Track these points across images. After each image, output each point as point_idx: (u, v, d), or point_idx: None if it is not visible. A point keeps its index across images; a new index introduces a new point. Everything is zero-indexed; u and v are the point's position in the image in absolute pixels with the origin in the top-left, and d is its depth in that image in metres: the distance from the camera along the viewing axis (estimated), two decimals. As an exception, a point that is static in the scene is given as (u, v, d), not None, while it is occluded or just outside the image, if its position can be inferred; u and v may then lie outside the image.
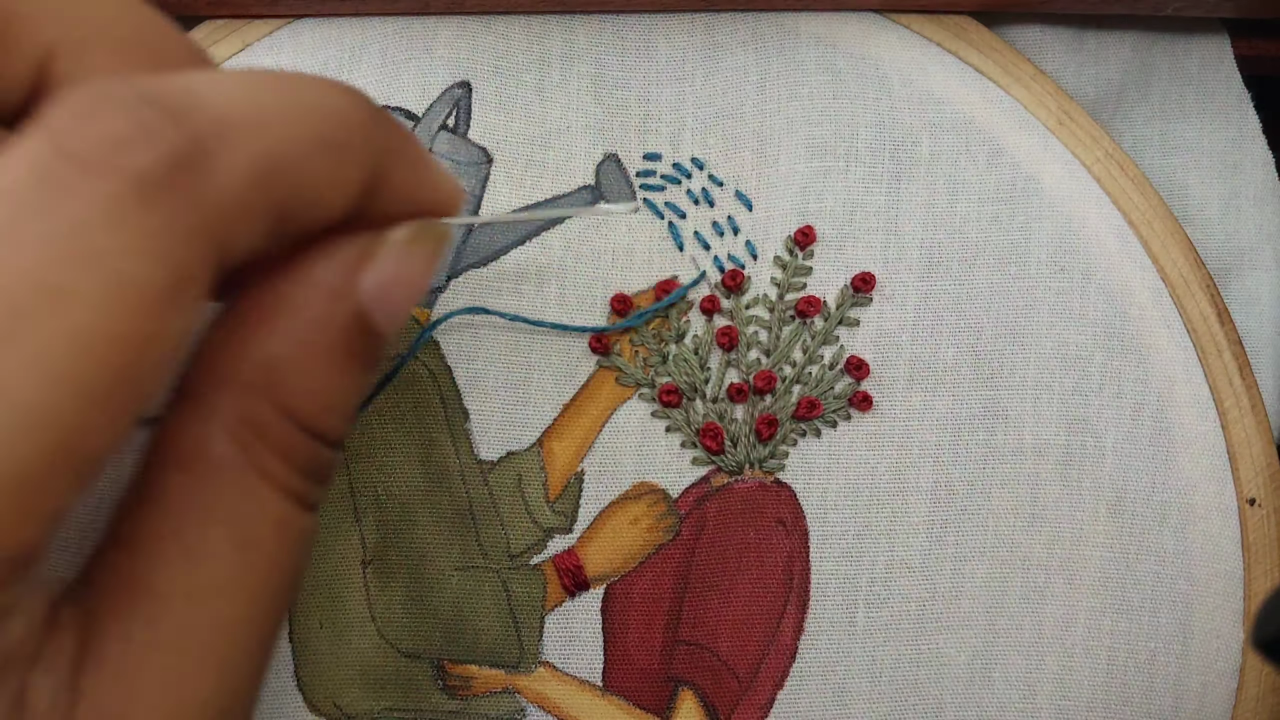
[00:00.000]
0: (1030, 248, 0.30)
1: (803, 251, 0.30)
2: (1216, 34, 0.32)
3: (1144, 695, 0.30)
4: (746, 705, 0.30)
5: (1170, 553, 0.30)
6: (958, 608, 0.30)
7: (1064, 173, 0.30)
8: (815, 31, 0.30)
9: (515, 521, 0.30)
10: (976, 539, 0.30)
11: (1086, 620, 0.30)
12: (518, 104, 0.30)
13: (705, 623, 0.30)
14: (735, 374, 0.30)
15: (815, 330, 0.30)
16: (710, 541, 0.30)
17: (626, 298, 0.30)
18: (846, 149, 0.30)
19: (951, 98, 0.30)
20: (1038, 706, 0.30)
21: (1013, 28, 0.31)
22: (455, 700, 0.30)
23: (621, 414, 0.30)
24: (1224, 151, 0.32)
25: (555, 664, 0.30)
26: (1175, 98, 0.32)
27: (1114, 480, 0.30)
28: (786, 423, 0.30)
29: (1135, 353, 0.30)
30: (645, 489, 0.30)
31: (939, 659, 0.30)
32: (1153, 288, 0.30)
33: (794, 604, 0.30)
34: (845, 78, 0.30)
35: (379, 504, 0.29)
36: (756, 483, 0.30)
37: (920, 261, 0.30)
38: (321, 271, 0.20)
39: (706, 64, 0.30)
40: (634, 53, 0.30)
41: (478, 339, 0.30)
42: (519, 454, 0.30)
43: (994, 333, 0.30)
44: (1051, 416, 0.30)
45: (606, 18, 0.30)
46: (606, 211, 0.28)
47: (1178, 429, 0.30)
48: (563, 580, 0.30)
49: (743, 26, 0.30)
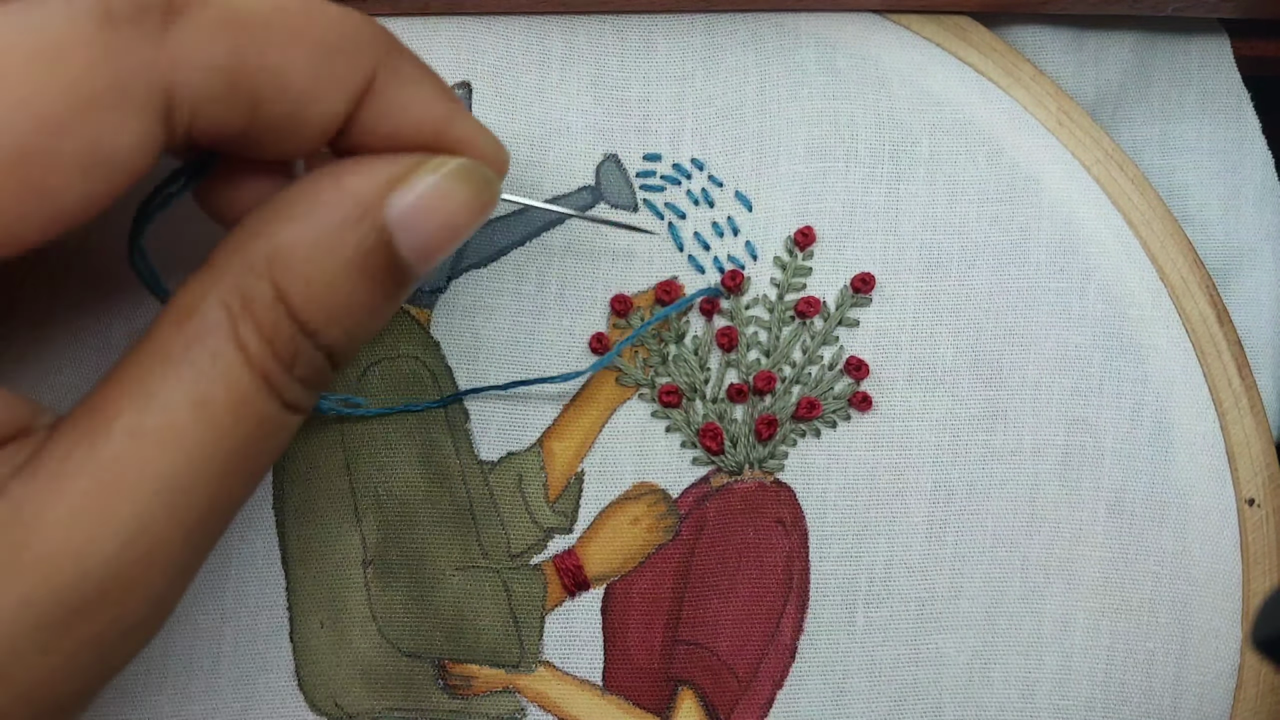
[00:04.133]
0: (1030, 248, 0.30)
1: (802, 252, 0.30)
2: (1216, 34, 0.32)
3: (1143, 695, 0.30)
4: (746, 705, 0.30)
5: (1169, 553, 0.30)
6: (957, 607, 0.30)
7: (1064, 173, 0.30)
8: (815, 32, 0.30)
9: (515, 521, 0.30)
10: (976, 539, 0.30)
11: (1085, 620, 0.30)
12: (518, 104, 0.30)
13: (705, 622, 0.30)
14: (735, 374, 0.30)
15: (815, 331, 0.30)
16: (710, 541, 0.30)
17: (626, 298, 0.30)
18: (846, 150, 0.30)
19: (951, 98, 0.30)
20: (1037, 706, 0.30)
21: (1013, 28, 0.31)
22: (456, 700, 0.30)
23: (622, 414, 0.30)
24: (1224, 151, 0.32)
25: (555, 663, 0.30)
26: (1175, 98, 0.32)
27: (1113, 480, 0.30)
28: (786, 423, 0.30)
29: (1134, 353, 0.30)
30: (645, 489, 0.30)
31: (938, 659, 0.30)
32: (1152, 288, 0.30)
33: (794, 604, 0.30)
34: (845, 78, 0.30)
35: (380, 504, 0.30)
36: (756, 483, 0.30)
37: (920, 262, 0.30)
38: (352, 179, 0.21)
39: (706, 64, 0.30)
40: (634, 53, 0.30)
41: (478, 339, 0.30)
42: (519, 454, 0.30)
43: (994, 333, 0.30)
44: (1051, 417, 0.30)
45: (606, 18, 0.30)
46: (629, 226, 0.28)
47: (1177, 429, 0.30)
48: (563, 580, 0.30)
49: (743, 27, 0.30)
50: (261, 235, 0.21)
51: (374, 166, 0.21)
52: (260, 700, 0.29)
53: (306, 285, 0.20)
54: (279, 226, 0.21)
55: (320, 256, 0.21)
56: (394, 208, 0.21)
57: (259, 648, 0.29)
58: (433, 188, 0.21)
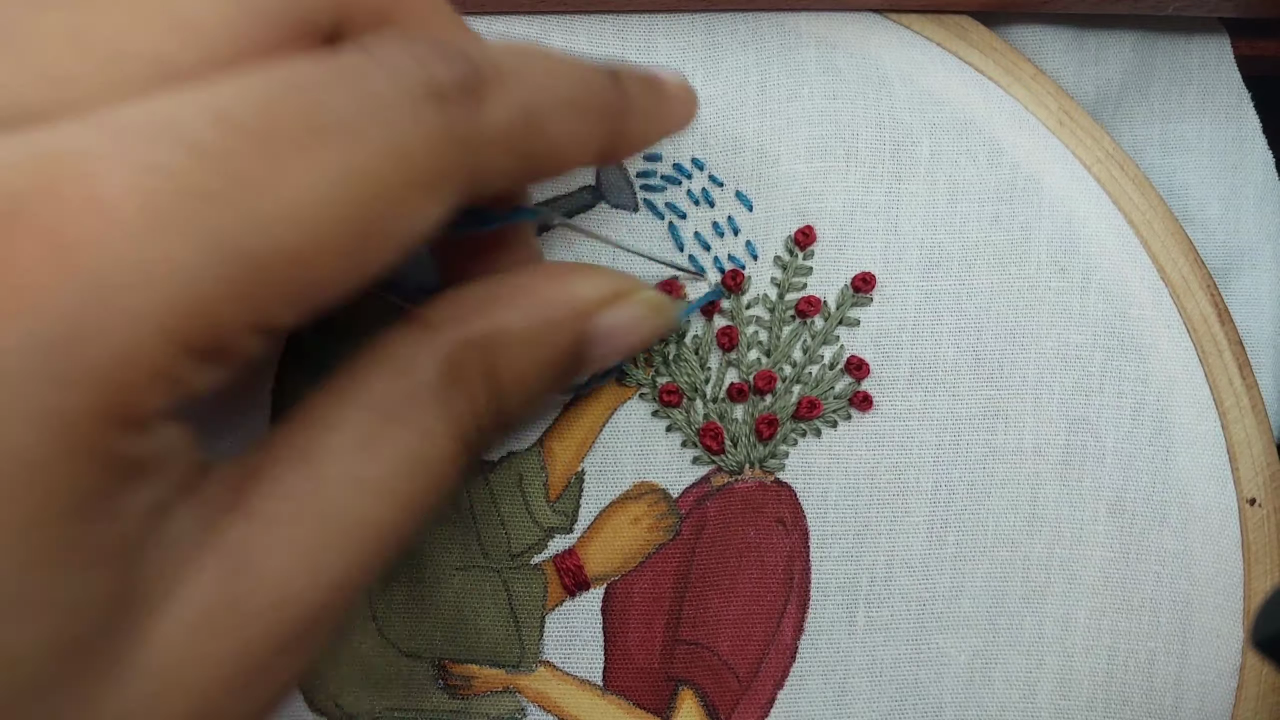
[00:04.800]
0: (1030, 247, 0.30)
1: (803, 251, 0.30)
2: (1216, 34, 0.32)
3: (1144, 695, 0.30)
4: (747, 705, 0.30)
5: (1170, 552, 0.30)
6: (958, 607, 0.30)
7: (1064, 172, 0.30)
8: (815, 32, 0.30)
9: (516, 521, 0.30)
10: (977, 539, 0.30)
11: (1086, 620, 0.30)
12: (518, 104, 0.30)
13: (705, 622, 0.30)
14: (735, 374, 0.30)
15: (815, 330, 0.30)
16: (710, 541, 0.30)
17: (627, 298, 0.30)
18: (846, 149, 0.30)
19: (952, 98, 0.30)
20: (1038, 706, 0.30)
21: (1013, 28, 0.31)
22: (456, 700, 0.30)
23: (622, 414, 0.30)
24: (1224, 151, 0.32)
25: (556, 663, 0.30)
26: (1175, 98, 0.32)
27: (1114, 480, 0.30)
28: (787, 422, 0.30)
29: (1135, 352, 0.30)
30: (645, 488, 0.30)
31: (939, 658, 0.30)
32: (1153, 287, 0.30)
33: (794, 603, 0.30)
34: (845, 78, 0.30)
35: (380, 504, 0.29)
36: (757, 482, 0.30)
37: (920, 261, 0.30)
38: (579, 287, 0.24)
39: (707, 64, 0.30)
40: (635, 52, 0.30)
41: (478, 339, 0.30)
42: (519, 454, 0.30)
43: (994, 332, 0.30)
44: (1051, 416, 0.30)
45: (607, 18, 0.30)
46: (687, 270, 0.30)
47: (1178, 429, 0.30)
48: (563, 580, 0.30)
49: (743, 27, 0.30)
50: (484, 315, 0.22)
51: (594, 279, 0.24)
52: None
53: (512, 367, 0.22)
54: (502, 312, 0.23)
55: (532, 347, 0.23)
56: (603, 321, 0.24)
57: (259, 648, 0.29)
58: (635, 313, 0.25)
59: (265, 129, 0.17)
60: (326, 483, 0.20)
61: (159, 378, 0.16)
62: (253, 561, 0.19)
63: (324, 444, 0.20)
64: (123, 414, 0.16)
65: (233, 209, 0.17)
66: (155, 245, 0.16)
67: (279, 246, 0.17)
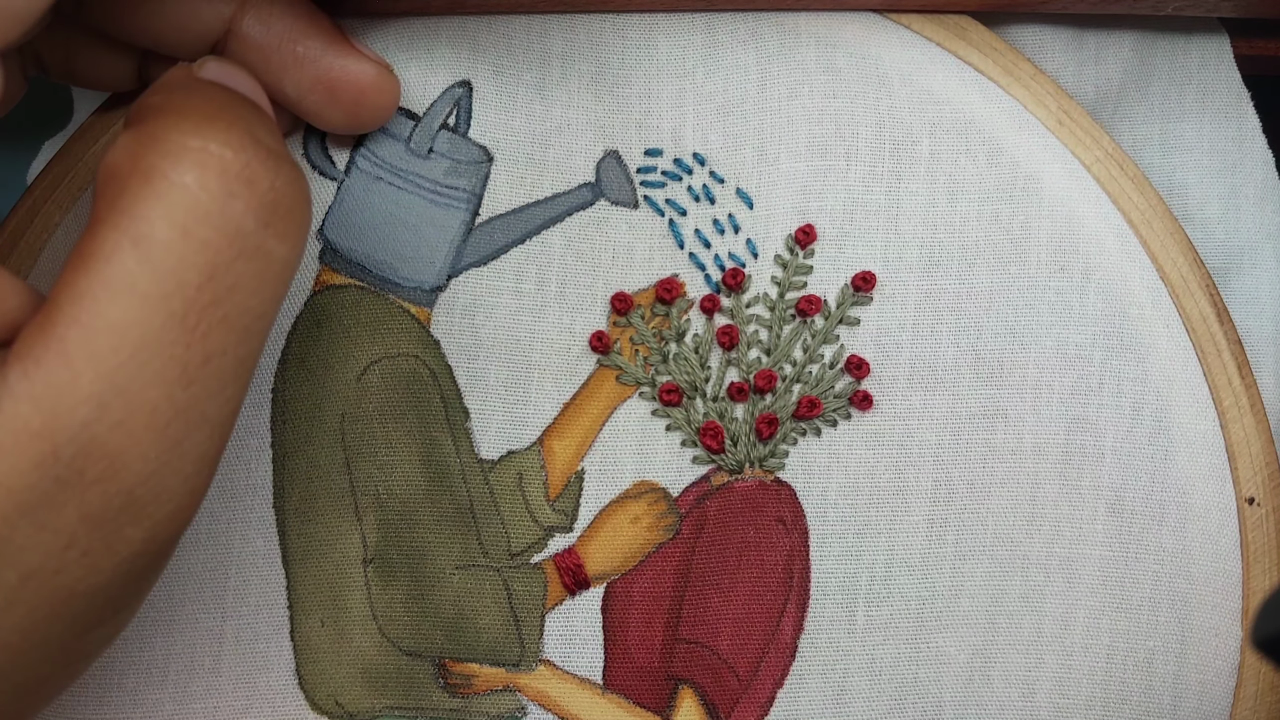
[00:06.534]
0: (1030, 247, 0.30)
1: (803, 250, 0.30)
2: (1216, 34, 0.32)
3: (1143, 694, 0.30)
4: (746, 703, 0.30)
5: (1169, 551, 0.30)
6: (957, 606, 0.30)
7: (1064, 172, 0.30)
8: (815, 31, 0.30)
9: (516, 520, 0.30)
10: (976, 538, 0.30)
11: (1085, 619, 0.30)
12: (519, 102, 0.30)
13: (705, 621, 0.30)
14: (735, 373, 0.30)
15: (815, 329, 0.30)
16: (710, 540, 0.30)
17: (627, 296, 0.30)
18: (847, 148, 0.30)
19: (951, 97, 0.30)
20: (1037, 705, 0.30)
21: (1013, 28, 0.31)
22: (456, 698, 0.30)
23: (622, 413, 0.30)
24: (1224, 151, 0.32)
25: (556, 662, 0.30)
26: (1175, 97, 0.32)
27: (1113, 479, 0.30)
28: (787, 422, 0.30)
29: (1134, 352, 0.30)
30: (646, 487, 0.30)
31: (938, 657, 0.30)
32: (1152, 287, 0.30)
33: (794, 602, 0.30)
34: (845, 77, 0.30)
35: (380, 503, 0.30)
36: (756, 481, 0.30)
37: (920, 261, 0.30)
38: None
39: (708, 62, 0.30)
40: (635, 50, 0.30)
41: (478, 338, 0.30)
42: (519, 453, 0.30)
43: (994, 332, 0.30)
44: (1051, 416, 0.30)
45: (607, 16, 0.30)
46: None
47: (1177, 428, 0.30)
48: (563, 578, 0.30)
49: (743, 26, 0.30)
50: None
51: None
52: (261, 699, 0.29)
53: None
54: None
55: None
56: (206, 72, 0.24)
57: (259, 647, 0.29)
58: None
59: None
60: (55, 304, 0.19)
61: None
62: None
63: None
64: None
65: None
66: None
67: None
